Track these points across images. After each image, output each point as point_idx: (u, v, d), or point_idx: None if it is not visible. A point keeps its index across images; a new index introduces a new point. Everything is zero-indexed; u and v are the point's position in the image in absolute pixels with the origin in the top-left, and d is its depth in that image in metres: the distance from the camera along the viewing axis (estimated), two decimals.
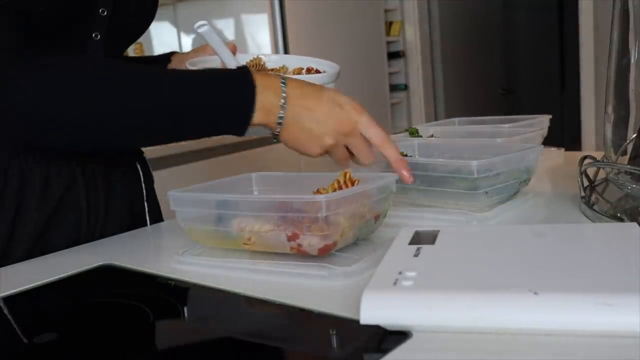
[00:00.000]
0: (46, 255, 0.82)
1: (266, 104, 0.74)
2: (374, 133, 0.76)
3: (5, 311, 0.64)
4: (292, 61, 0.97)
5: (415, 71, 4.07)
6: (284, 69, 0.94)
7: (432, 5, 4.11)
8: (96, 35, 0.86)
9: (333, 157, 0.78)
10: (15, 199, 0.82)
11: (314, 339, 0.53)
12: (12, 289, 0.69)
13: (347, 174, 0.72)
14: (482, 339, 0.46)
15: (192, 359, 0.50)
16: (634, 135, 0.80)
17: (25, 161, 0.82)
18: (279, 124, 0.74)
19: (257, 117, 0.74)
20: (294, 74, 0.93)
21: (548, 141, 1.15)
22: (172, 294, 0.66)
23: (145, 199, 1.01)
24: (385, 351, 0.46)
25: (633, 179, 0.78)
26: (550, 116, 1.19)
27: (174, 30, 3.40)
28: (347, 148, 0.77)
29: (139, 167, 1.01)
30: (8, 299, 0.66)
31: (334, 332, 0.53)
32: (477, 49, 4.53)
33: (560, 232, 0.64)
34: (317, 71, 0.95)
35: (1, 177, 0.81)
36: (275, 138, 0.77)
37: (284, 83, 0.74)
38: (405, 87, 4.12)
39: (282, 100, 0.74)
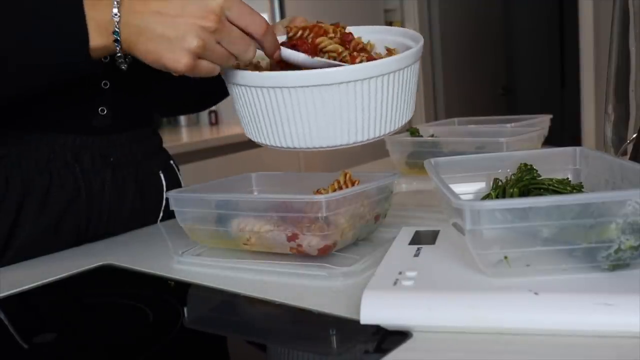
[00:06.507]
0: (46, 256, 0.82)
1: (100, 20, 0.63)
2: (249, 21, 0.63)
3: (6, 311, 0.64)
4: (368, 34, 0.77)
5: None
6: (369, 45, 0.76)
7: (432, 5, 4.11)
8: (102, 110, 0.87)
9: (209, 62, 0.63)
10: (14, 207, 0.81)
11: (314, 339, 0.53)
12: (12, 289, 0.69)
13: (347, 174, 0.72)
14: (482, 339, 0.46)
15: (192, 359, 0.50)
16: (634, 135, 0.80)
17: (26, 171, 0.82)
18: (116, 41, 0.62)
19: (95, 37, 0.63)
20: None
21: (548, 141, 1.15)
22: (172, 294, 0.66)
23: (163, 208, 0.98)
24: (385, 351, 0.46)
25: None
26: (550, 116, 1.19)
27: None
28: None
29: (162, 177, 0.98)
30: (8, 299, 0.66)
31: (334, 332, 0.53)
32: (477, 49, 4.52)
33: None
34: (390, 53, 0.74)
35: (2, 185, 0.81)
36: (122, 60, 0.66)
37: None
38: None
39: (115, 10, 0.62)
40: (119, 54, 0.65)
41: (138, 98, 0.94)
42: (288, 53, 0.69)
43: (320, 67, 0.63)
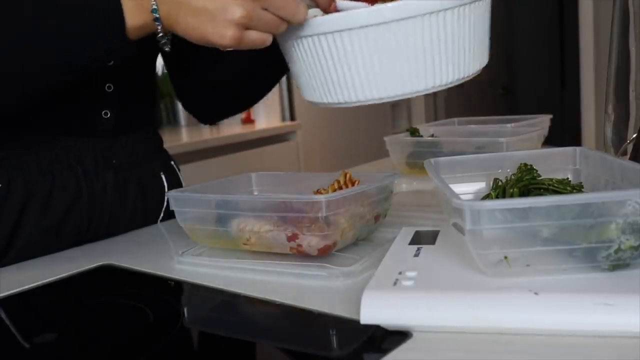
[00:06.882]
0: (47, 256, 0.82)
1: None
2: None
3: (6, 311, 0.64)
4: None
5: None
6: None
7: None
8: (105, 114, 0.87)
9: (258, 32, 0.59)
10: (16, 209, 0.81)
11: (314, 339, 0.53)
12: (12, 289, 0.69)
13: (347, 174, 0.72)
14: (482, 339, 0.46)
15: (192, 359, 0.50)
16: (634, 135, 0.80)
17: (28, 173, 0.82)
18: (156, 19, 0.60)
19: (132, 16, 0.61)
20: None
21: (548, 141, 1.15)
22: (172, 294, 0.66)
23: (164, 209, 0.97)
24: (385, 351, 0.46)
25: None
26: (550, 116, 1.19)
27: None
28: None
29: (164, 178, 0.98)
30: (8, 299, 0.66)
31: (334, 332, 0.53)
32: None
33: None
34: None
35: (4, 186, 0.81)
36: (164, 40, 0.63)
37: None
38: None
39: None
40: (161, 34, 0.62)
41: (141, 101, 0.94)
42: (345, 4, 0.64)
43: None
